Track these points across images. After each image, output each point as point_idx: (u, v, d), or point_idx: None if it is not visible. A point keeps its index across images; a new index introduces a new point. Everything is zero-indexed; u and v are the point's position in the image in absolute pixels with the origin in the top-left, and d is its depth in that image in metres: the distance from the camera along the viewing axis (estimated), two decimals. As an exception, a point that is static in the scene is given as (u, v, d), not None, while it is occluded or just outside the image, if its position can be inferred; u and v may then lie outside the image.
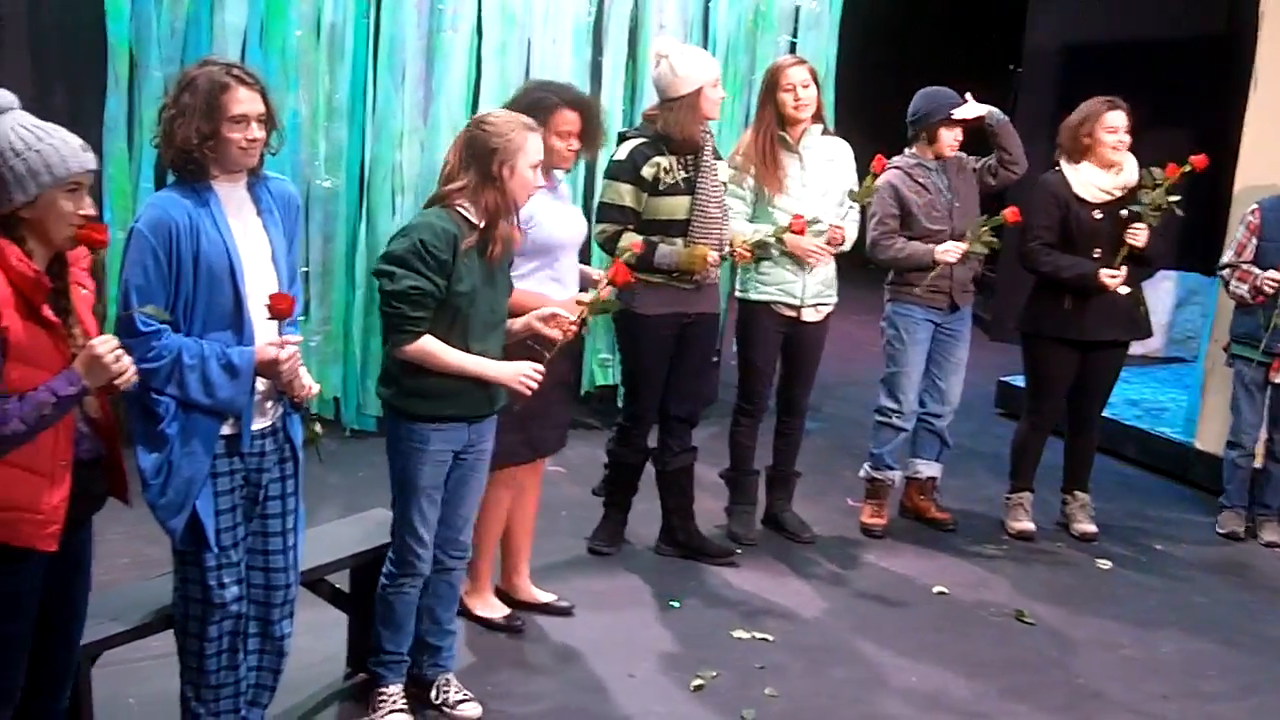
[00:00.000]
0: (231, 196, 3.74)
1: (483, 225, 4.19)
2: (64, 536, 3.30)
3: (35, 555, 3.25)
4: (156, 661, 4.40)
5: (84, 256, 3.37)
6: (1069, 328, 6.24)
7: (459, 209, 4.20)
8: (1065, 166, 6.24)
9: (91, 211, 3.24)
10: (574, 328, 4.46)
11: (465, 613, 5.26)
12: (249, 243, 3.75)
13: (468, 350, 4.23)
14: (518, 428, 4.96)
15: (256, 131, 3.66)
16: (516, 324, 4.47)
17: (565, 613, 5.41)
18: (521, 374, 4.28)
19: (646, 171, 5.46)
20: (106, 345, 3.19)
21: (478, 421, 4.38)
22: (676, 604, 5.60)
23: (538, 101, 4.90)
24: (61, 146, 3.19)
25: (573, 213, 5.18)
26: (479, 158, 4.21)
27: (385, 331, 4.28)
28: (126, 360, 3.23)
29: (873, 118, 6.40)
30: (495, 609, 5.33)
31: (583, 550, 6.05)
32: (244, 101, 3.63)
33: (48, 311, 3.20)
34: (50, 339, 3.22)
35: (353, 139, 7.27)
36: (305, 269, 6.88)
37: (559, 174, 5.11)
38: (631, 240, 5.33)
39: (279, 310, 3.66)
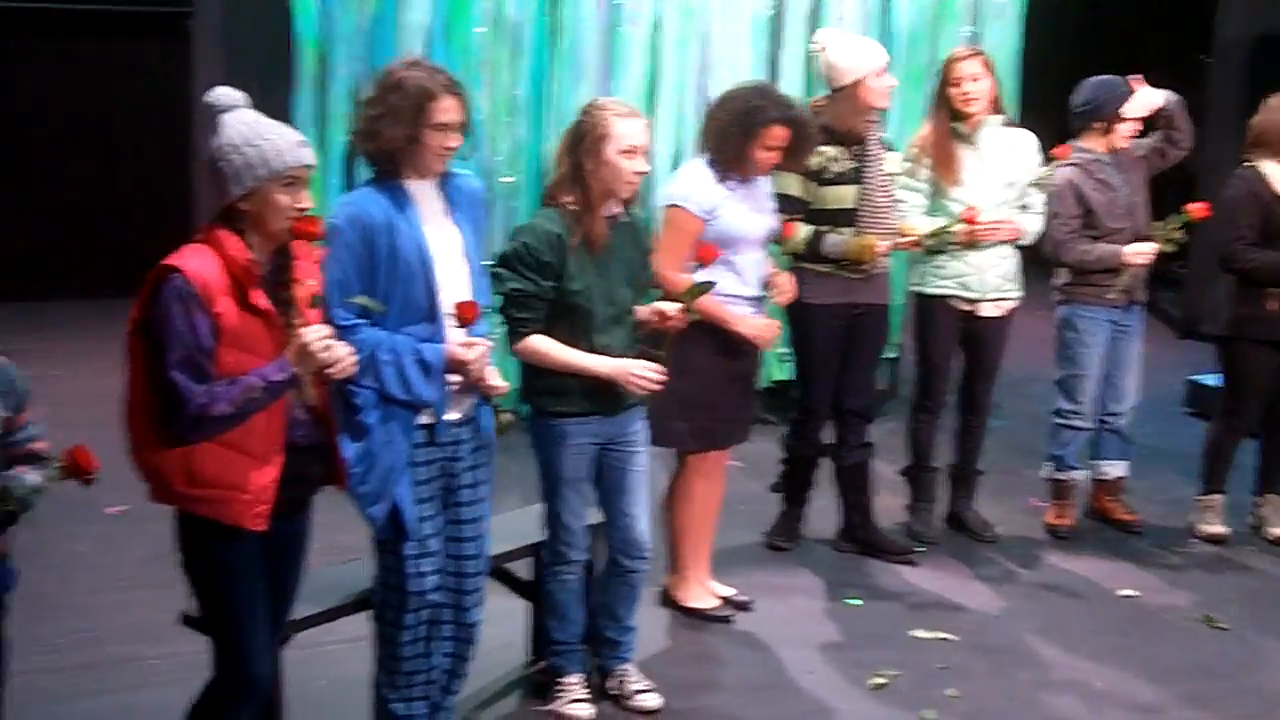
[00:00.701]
0: (423, 193, 3.83)
1: (577, 217, 4.21)
2: (279, 520, 3.40)
3: (246, 534, 3.35)
4: (346, 645, 4.50)
5: (313, 249, 3.47)
6: (1275, 329, 6.04)
7: (567, 206, 4.22)
8: (1266, 164, 6.02)
9: (308, 205, 3.33)
10: (675, 319, 4.39)
11: (674, 605, 5.33)
12: (440, 239, 3.83)
13: (593, 345, 4.25)
14: (685, 415, 4.99)
15: (455, 140, 3.75)
16: (641, 314, 4.47)
17: (744, 607, 5.40)
18: (630, 372, 4.26)
19: (812, 161, 5.40)
20: (315, 334, 3.28)
21: (615, 414, 4.39)
22: (855, 601, 5.56)
23: (753, 109, 4.89)
24: (278, 141, 3.29)
25: (762, 208, 5.11)
26: (570, 148, 4.25)
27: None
28: (339, 351, 3.31)
29: (1059, 108, 6.26)
30: (704, 599, 5.34)
31: (761, 545, 6.04)
32: (449, 110, 3.73)
33: (258, 298, 3.29)
34: (264, 326, 3.31)
35: (533, 135, 7.35)
36: (489, 263, 6.96)
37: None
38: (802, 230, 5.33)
39: (465, 319, 3.75)
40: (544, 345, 4.23)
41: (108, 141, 11.37)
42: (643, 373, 4.25)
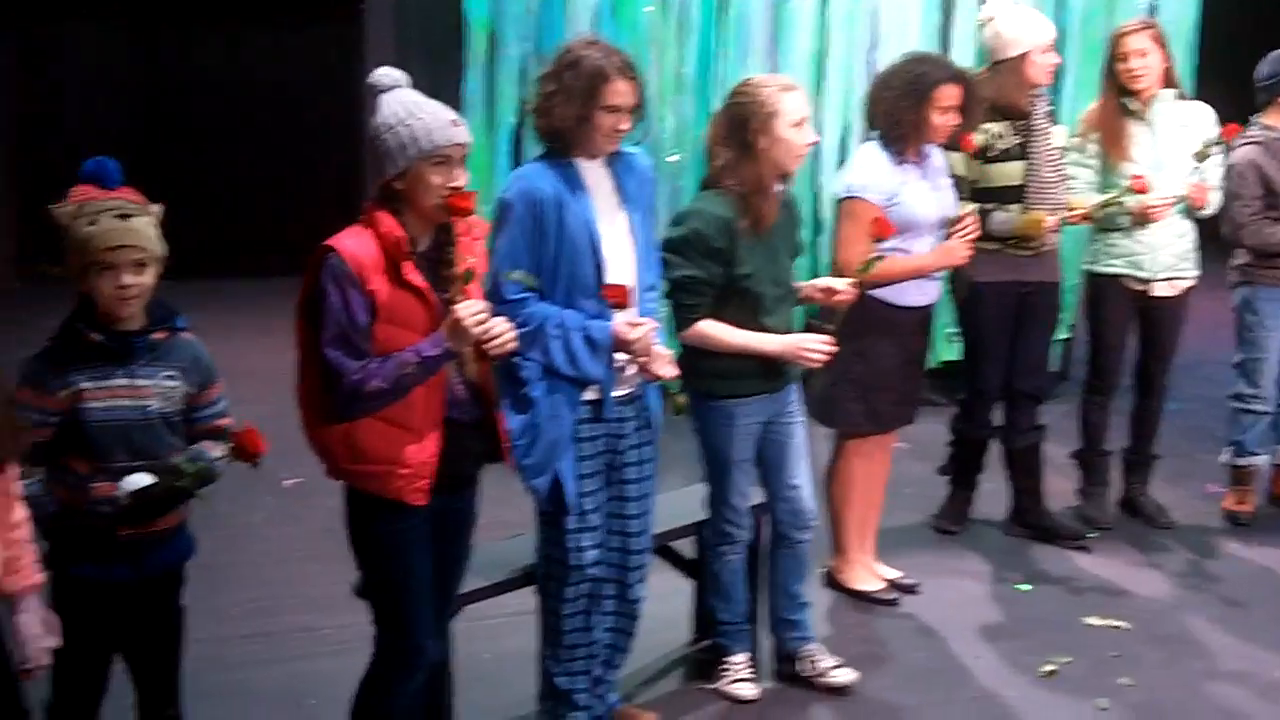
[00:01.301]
0: (592, 170, 3.85)
1: (747, 200, 4.17)
2: (443, 496, 3.44)
3: (410, 509, 3.39)
4: (511, 619, 4.56)
5: (477, 227, 3.48)
6: None
7: (734, 189, 4.19)
8: None
9: (461, 183, 3.33)
10: (845, 295, 4.35)
11: (840, 587, 5.31)
12: (608, 216, 3.85)
13: (763, 325, 4.24)
14: (860, 398, 4.98)
15: (625, 122, 3.75)
16: (804, 290, 4.43)
17: (911, 590, 5.35)
18: (801, 346, 4.24)
19: (975, 138, 5.30)
20: (468, 309, 3.26)
21: (779, 391, 4.38)
22: (1024, 586, 5.47)
23: (918, 76, 4.81)
24: (430, 120, 3.31)
25: (940, 189, 5.02)
26: (735, 128, 4.20)
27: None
28: (496, 326, 3.29)
29: (1241, 82, 6.07)
30: (869, 581, 5.31)
31: (927, 528, 5.98)
32: (622, 94, 3.73)
33: (410, 274, 3.32)
34: (419, 302, 3.33)
35: (699, 113, 7.33)
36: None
37: (931, 148, 4.98)
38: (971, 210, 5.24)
39: (616, 302, 3.74)
40: (712, 329, 4.23)
41: (287, 123, 11.66)
42: (813, 346, 4.24)
